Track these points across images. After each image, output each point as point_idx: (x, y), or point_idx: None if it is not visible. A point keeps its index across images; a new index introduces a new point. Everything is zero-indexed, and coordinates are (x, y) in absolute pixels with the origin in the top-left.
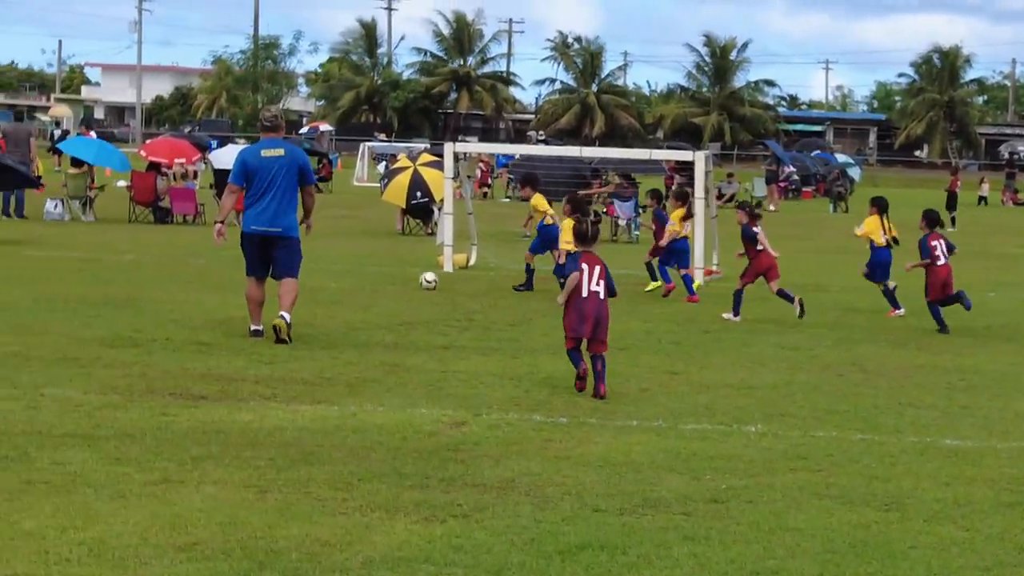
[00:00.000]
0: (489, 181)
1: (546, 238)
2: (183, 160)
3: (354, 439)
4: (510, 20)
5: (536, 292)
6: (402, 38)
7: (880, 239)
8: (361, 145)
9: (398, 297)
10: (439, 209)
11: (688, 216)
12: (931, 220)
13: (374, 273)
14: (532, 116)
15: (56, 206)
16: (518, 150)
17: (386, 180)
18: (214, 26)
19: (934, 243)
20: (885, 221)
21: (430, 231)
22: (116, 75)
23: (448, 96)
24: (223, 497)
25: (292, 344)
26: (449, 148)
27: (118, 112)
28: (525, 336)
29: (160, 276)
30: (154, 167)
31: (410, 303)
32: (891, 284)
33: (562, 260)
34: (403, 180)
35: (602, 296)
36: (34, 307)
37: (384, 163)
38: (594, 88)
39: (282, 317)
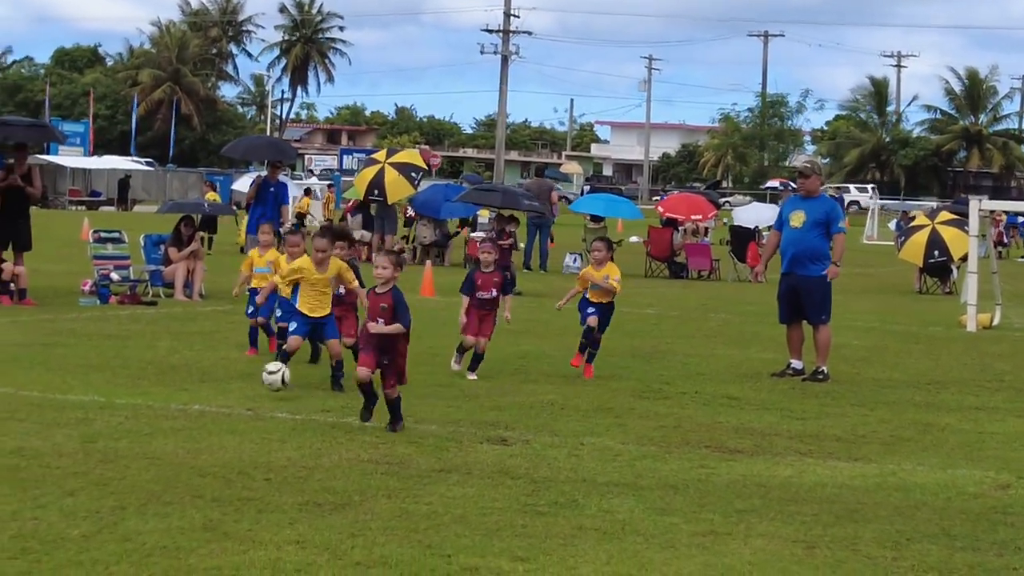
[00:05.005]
0: (1005, 240)
1: None
2: (699, 216)
3: (897, 497)
4: (1023, 77)
5: None
6: (914, 98)
7: None
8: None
9: (923, 356)
10: (957, 268)
11: None
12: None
13: (896, 331)
14: None
15: (575, 260)
16: None
17: (902, 238)
18: (719, 84)
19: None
20: None
21: (948, 290)
22: (625, 133)
23: (957, 154)
24: (772, 551)
25: (821, 400)
26: (974, 205)
27: (626, 169)
28: None
29: (682, 329)
30: (671, 223)
31: (937, 362)
32: None
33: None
34: (920, 239)
35: None
36: (565, 357)
37: (896, 221)
38: None
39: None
